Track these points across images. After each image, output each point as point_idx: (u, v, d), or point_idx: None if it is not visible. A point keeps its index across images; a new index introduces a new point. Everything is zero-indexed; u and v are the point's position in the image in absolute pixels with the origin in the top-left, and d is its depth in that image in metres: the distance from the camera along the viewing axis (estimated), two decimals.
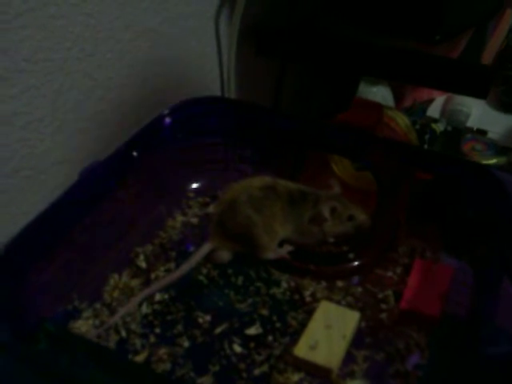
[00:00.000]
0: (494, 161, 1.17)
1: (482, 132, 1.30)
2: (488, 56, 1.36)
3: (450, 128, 1.29)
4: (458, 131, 1.29)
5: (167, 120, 0.80)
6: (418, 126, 1.27)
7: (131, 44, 0.89)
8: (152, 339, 0.66)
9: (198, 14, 1.01)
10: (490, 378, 0.55)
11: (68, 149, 0.84)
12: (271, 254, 0.75)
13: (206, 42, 1.06)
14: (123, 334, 0.66)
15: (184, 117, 0.81)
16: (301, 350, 0.63)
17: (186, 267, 0.73)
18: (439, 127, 1.28)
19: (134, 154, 0.77)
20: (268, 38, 1.15)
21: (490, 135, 1.29)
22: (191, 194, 0.86)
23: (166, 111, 0.80)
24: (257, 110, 0.85)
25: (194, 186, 0.86)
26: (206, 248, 0.74)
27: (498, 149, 1.24)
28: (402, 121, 0.96)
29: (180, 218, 0.83)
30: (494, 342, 0.57)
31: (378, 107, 0.83)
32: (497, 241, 0.66)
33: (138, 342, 0.66)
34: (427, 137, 1.25)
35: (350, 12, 1.14)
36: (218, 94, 1.14)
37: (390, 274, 0.74)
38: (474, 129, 1.31)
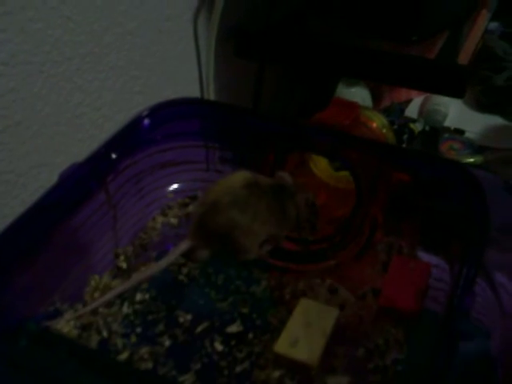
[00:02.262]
0: (471, 160, 1.18)
1: (459, 131, 1.31)
2: (464, 56, 1.37)
3: (427, 128, 1.31)
4: (435, 131, 1.30)
5: (146, 121, 0.80)
6: (396, 126, 1.28)
7: (110, 47, 0.90)
8: (133, 339, 0.67)
9: (176, 16, 1.02)
10: (466, 371, 0.56)
11: (47, 152, 0.84)
12: (251, 255, 0.75)
13: (184, 45, 1.07)
14: (104, 334, 0.67)
15: (163, 118, 0.82)
16: (281, 346, 0.63)
17: (163, 263, 0.71)
18: (417, 127, 1.29)
19: (113, 155, 0.77)
20: (246, 40, 1.15)
21: (468, 135, 1.30)
22: (171, 195, 0.86)
23: (145, 112, 0.81)
24: (237, 112, 0.85)
25: (174, 186, 0.86)
26: (184, 245, 0.72)
27: (476, 148, 1.25)
28: (379, 120, 0.97)
29: (160, 219, 0.84)
30: (470, 337, 0.58)
31: (354, 106, 0.84)
32: (472, 237, 0.67)
33: (119, 342, 0.66)
34: (405, 137, 1.26)
35: (327, 14, 1.15)
36: (197, 95, 1.15)
37: (368, 271, 0.75)
38: (452, 128, 1.32)
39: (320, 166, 0.88)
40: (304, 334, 0.64)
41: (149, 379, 0.53)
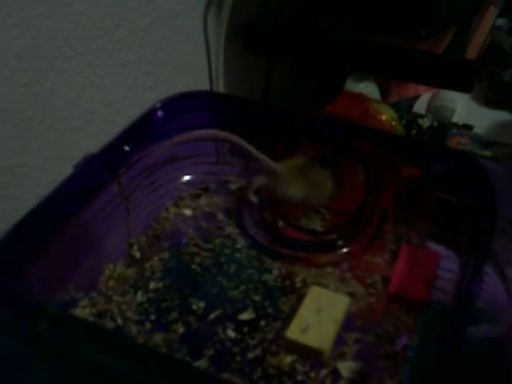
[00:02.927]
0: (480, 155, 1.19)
1: (467, 127, 1.32)
2: (472, 52, 1.38)
3: (436, 123, 1.31)
4: (444, 126, 1.31)
5: (159, 114, 0.82)
6: (404, 122, 1.29)
7: (121, 43, 0.91)
8: (148, 326, 0.68)
9: (187, 12, 1.03)
10: (474, 356, 0.57)
11: (60, 146, 0.85)
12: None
13: (194, 41, 1.08)
14: (119, 321, 0.68)
15: (175, 111, 0.83)
16: (293, 332, 0.64)
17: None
18: (425, 123, 1.30)
19: (126, 148, 0.78)
20: (256, 36, 1.16)
21: (476, 130, 1.31)
22: (183, 187, 0.87)
23: (158, 105, 0.82)
24: (246, 104, 0.86)
25: (186, 178, 0.88)
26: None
27: (484, 143, 1.26)
28: (388, 113, 0.98)
29: (173, 210, 0.85)
30: (478, 322, 0.59)
31: (363, 99, 0.85)
32: (480, 225, 0.68)
33: (134, 329, 0.67)
34: (414, 132, 1.27)
35: (336, 9, 1.16)
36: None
37: (377, 260, 0.76)
38: (460, 124, 1.33)
39: None
40: (315, 320, 0.65)
41: (166, 361, 0.53)
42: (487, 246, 0.64)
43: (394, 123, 0.97)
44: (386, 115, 0.97)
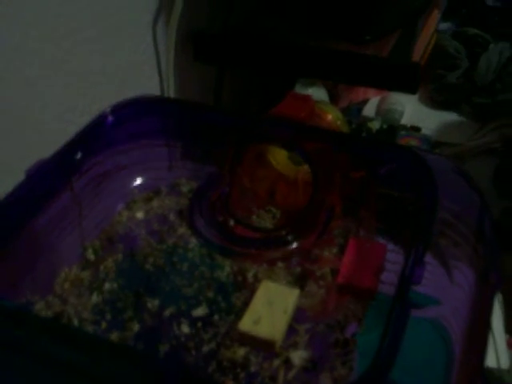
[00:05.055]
0: None
1: (415, 128, 1.35)
2: (416, 54, 1.42)
3: (385, 126, 1.34)
4: (393, 129, 1.34)
5: (109, 119, 0.82)
6: (354, 126, 1.32)
7: (69, 53, 0.92)
8: (104, 325, 0.69)
9: (135, 22, 1.04)
10: (418, 338, 0.60)
11: (10, 158, 0.86)
12: None
13: (143, 50, 1.09)
14: (75, 322, 0.69)
15: (126, 116, 0.83)
16: (245, 325, 0.66)
17: None
18: (375, 125, 1.33)
19: (77, 154, 0.79)
20: (204, 44, 1.18)
21: (424, 131, 1.34)
22: (135, 190, 0.88)
23: (108, 110, 0.83)
24: (197, 108, 0.88)
25: (138, 182, 0.88)
26: None
27: (432, 143, 1.30)
28: (333, 113, 0.99)
29: (126, 213, 0.85)
30: (420, 305, 0.61)
31: (309, 99, 0.86)
32: (423, 214, 0.70)
33: (90, 329, 0.68)
34: (363, 135, 1.30)
35: (283, 15, 1.19)
36: None
37: (326, 253, 0.78)
38: (408, 126, 1.36)
39: (279, 158, 0.90)
40: (266, 312, 0.67)
41: (120, 350, 0.55)
42: (428, 235, 0.67)
43: (339, 122, 0.99)
44: (332, 115, 0.99)
